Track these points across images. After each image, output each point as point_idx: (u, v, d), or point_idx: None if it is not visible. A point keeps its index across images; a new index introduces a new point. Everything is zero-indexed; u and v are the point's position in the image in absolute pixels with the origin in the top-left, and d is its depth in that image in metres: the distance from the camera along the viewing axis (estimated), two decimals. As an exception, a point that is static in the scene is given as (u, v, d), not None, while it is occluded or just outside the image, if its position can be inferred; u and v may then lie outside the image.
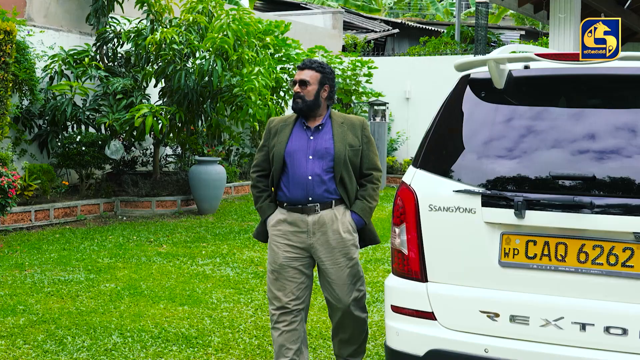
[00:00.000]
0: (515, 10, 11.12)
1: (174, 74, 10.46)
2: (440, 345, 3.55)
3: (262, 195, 4.46)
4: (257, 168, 4.52)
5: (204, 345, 5.40)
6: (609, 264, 3.29)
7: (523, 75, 3.70)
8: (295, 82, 4.38)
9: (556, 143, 3.47)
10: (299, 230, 4.32)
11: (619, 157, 3.35)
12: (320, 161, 4.27)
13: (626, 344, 3.22)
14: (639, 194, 3.27)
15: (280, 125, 4.43)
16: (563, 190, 3.38)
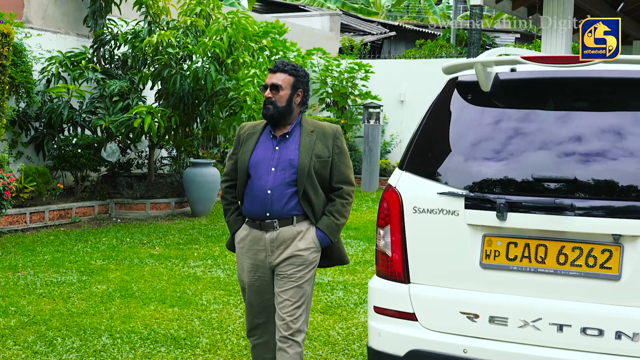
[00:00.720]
0: (509, 13, 11.16)
1: (169, 77, 10.49)
2: (421, 346, 3.58)
3: (230, 207, 4.18)
4: (226, 177, 4.23)
5: (192, 346, 5.43)
6: (587, 266, 3.33)
7: (509, 78, 3.73)
8: (266, 86, 4.02)
9: (540, 146, 3.51)
10: (259, 248, 4.04)
11: (601, 159, 3.39)
12: (283, 173, 3.95)
13: (602, 345, 3.26)
14: (618, 197, 3.30)
15: (248, 132, 4.13)
16: (545, 192, 3.41)
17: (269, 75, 4.06)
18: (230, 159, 4.19)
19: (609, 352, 3.25)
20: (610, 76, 3.51)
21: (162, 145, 12.30)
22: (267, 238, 3.99)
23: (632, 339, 3.22)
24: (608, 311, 3.27)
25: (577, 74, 3.53)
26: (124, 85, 10.84)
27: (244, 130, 4.17)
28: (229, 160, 4.21)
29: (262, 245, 4.01)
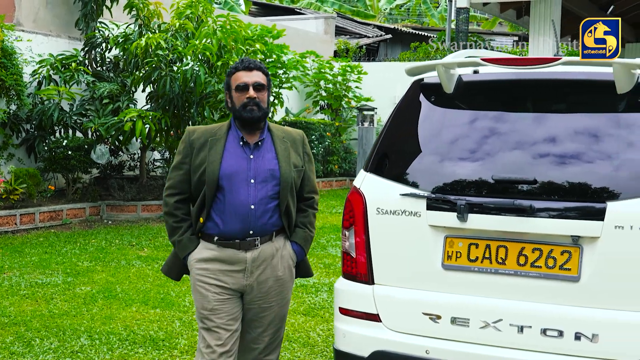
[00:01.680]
0: (498, 15, 11.17)
1: (159, 80, 10.52)
2: (384, 347, 3.60)
3: (181, 225, 3.68)
4: (174, 191, 3.69)
5: (170, 348, 5.45)
6: (547, 267, 3.34)
7: (472, 80, 3.75)
8: (247, 85, 3.61)
9: (501, 147, 3.53)
10: (234, 270, 3.62)
11: (561, 161, 3.41)
12: (264, 186, 3.59)
13: (562, 346, 3.28)
14: (578, 198, 3.32)
15: (209, 139, 3.64)
16: (505, 193, 3.43)
17: (244, 72, 3.62)
18: (179, 168, 3.69)
19: (569, 353, 3.27)
20: (571, 78, 3.53)
21: (154, 147, 12.32)
22: (248, 258, 3.61)
23: (591, 340, 3.23)
24: (568, 312, 3.29)
25: (537, 76, 3.55)
26: (113, 87, 10.87)
27: (196, 135, 3.67)
28: (175, 170, 3.70)
29: (240, 266, 3.61)
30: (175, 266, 3.79)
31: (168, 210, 3.70)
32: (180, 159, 3.70)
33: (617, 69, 3.32)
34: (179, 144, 3.71)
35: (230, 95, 3.65)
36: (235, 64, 3.66)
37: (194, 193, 3.67)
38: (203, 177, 3.58)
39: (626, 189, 3.26)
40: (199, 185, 3.61)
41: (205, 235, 3.67)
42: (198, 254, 3.66)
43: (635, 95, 3.38)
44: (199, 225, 3.65)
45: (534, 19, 9.19)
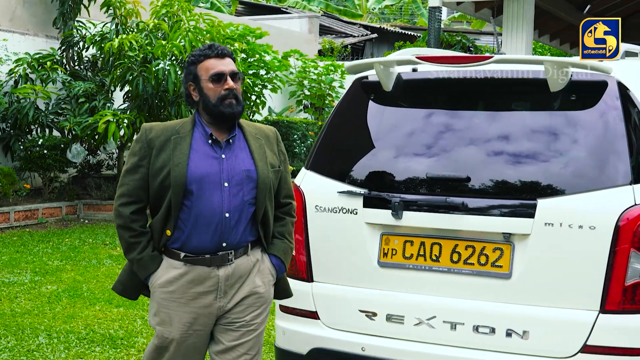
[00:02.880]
0: (472, 15, 11.20)
1: (132, 80, 10.52)
2: (322, 344, 3.61)
3: (140, 240, 3.10)
4: (128, 199, 3.10)
5: (128, 346, 5.45)
6: (479, 264, 3.36)
7: (410, 78, 3.76)
8: (224, 74, 3.10)
9: (436, 145, 3.55)
10: (205, 291, 3.10)
11: (493, 159, 3.42)
12: (239, 190, 3.10)
13: (493, 343, 3.29)
14: (509, 195, 3.33)
15: (172, 137, 3.11)
16: (439, 191, 3.44)
17: (218, 61, 3.11)
18: (133, 172, 3.11)
19: (500, 349, 3.29)
20: (503, 76, 3.54)
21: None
22: (221, 275, 3.09)
23: (522, 337, 3.25)
24: (499, 309, 3.31)
25: (472, 74, 3.56)
26: (88, 86, 10.86)
27: (154, 133, 3.12)
28: (129, 175, 3.12)
29: (211, 286, 3.09)
30: (132, 285, 3.22)
31: (123, 223, 3.10)
32: (135, 161, 3.11)
33: (548, 68, 3.33)
34: (133, 143, 3.16)
35: (200, 87, 3.11)
36: (202, 51, 3.14)
37: (153, 201, 3.12)
38: (167, 182, 3.04)
39: (557, 187, 3.27)
40: (161, 191, 3.07)
41: (170, 252, 3.12)
42: (162, 275, 3.11)
43: (568, 94, 3.39)
44: (164, 239, 3.11)
45: (507, 17, 9.21)
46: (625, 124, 3.30)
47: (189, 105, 3.23)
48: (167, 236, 3.11)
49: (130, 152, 3.17)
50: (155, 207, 3.14)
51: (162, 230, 3.11)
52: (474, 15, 11.25)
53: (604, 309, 3.16)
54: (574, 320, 3.19)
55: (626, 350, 3.13)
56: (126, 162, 3.18)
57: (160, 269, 3.13)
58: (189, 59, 3.19)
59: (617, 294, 3.14)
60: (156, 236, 3.13)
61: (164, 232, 3.11)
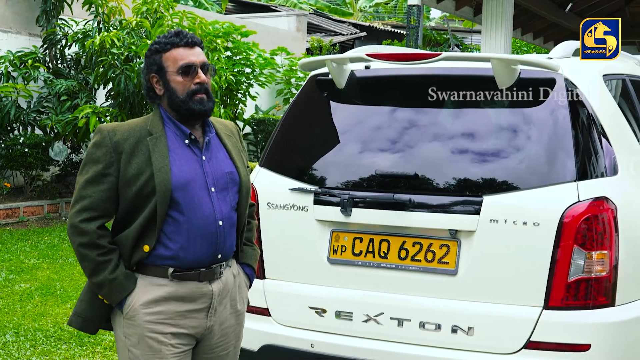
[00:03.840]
0: (453, 13, 11.22)
1: (114, 78, 10.53)
2: (273, 341, 3.62)
3: (111, 258, 2.68)
4: (93, 214, 2.69)
5: (95, 344, 5.45)
6: (426, 261, 3.37)
7: (363, 75, 3.77)
8: (195, 66, 2.75)
9: (386, 142, 3.56)
10: (195, 309, 2.77)
11: (441, 156, 3.44)
12: (226, 195, 2.82)
13: (439, 339, 3.31)
14: (455, 192, 3.35)
15: (145, 138, 2.73)
16: (387, 188, 3.46)
17: (187, 50, 2.76)
18: (97, 182, 2.69)
19: (446, 346, 3.30)
20: (452, 73, 3.55)
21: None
22: (214, 291, 2.79)
23: (467, 333, 3.26)
24: (445, 306, 3.32)
25: (419, 72, 3.58)
26: (70, 84, 10.85)
27: (119, 136, 2.71)
28: (92, 185, 2.70)
29: (204, 303, 2.78)
30: (94, 316, 2.78)
31: (88, 241, 2.66)
32: (99, 169, 2.68)
33: (495, 65, 3.35)
34: (92, 149, 2.72)
35: (165, 80, 2.75)
36: (169, 39, 2.77)
37: (124, 214, 2.73)
38: (146, 191, 2.67)
39: (503, 183, 3.29)
40: (137, 202, 2.69)
41: (149, 268, 2.73)
42: (143, 296, 2.71)
43: (516, 91, 3.41)
44: (138, 256, 2.71)
45: (486, 16, 9.23)
46: (572, 121, 3.32)
47: (150, 99, 2.84)
48: (143, 252, 2.70)
49: (89, 159, 2.72)
50: (125, 220, 2.73)
51: (136, 246, 2.70)
52: (454, 13, 11.27)
53: (547, 305, 3.18)
54: (518, 316, 3.21)
55: (568, 346, 3.15)
56: (84, 171, 2.72)
57: (138, 289, 2.71)
58: (153, 47, 2.80)
59: (560, 291, 3.16)
60: (125, 253, 2.71)
61: (139, 247, 2.70)
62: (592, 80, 3.59)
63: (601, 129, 3.42)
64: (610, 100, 3.65)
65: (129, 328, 2.73)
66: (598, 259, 3.17)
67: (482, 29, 9.57)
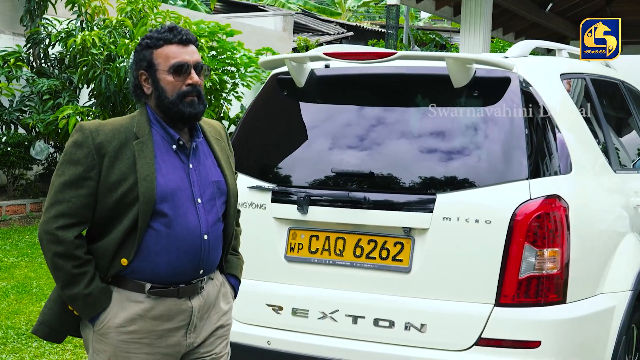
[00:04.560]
0: (433, 13, 11.26)
1: (95, 78, 10.54)
2: (231, 338, 3.61)
3: (86, 270, 2.48)
4: (70, 220, 2.47)
5: (66, 342, 5.45)
6: (381, 258, 3.40)
7: (322, 74, 3.80)
8: (188, 65, 2.55)
9: (343, 141, 3.59)
10: (174, 327, 2.58)
11: (396, 154, 3.47)
12: (213, 206, 2.62)
13: (393, 336, 3.34)
14: (410, 190, 3.38)
15: (130, 141, 2.53)
16: (343, 186, 3.48)
17: (181, 48, 2.55)
18: (76, 186, 2.48)
19: (399, 342, 3.33)
20: (408, 72, 3.58)
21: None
22: (194, 307, 2.60)
23: (419, 330, 3.29)
24: (398, 303, 3.35)
25: (375, 71, 3.60)
26: (52, 84, 10.86)
27: (102, 136, 2.50)
28: (70, 189, 2.48)
29: (182, 320, 2.59)
30: (61, 326, 2.59)
31: (64, 251, 2.45)
32: (79, 172, 2.47)
33: (450, 64, 3.37)
34: (72, 148, 2.50)
35: (155, 79, 2.55)
36: (161, 34, 2.57)
37: (101, 222, 2.53)
38: (127, 200, 2.48)
39: (456, 182, 3.32)
40: (116, 211, 2.49)
41: (126, 282, 2.53)
42: (118, 312, 2.52)
43: (471, 90, 3.44)
44: (115, 269, 2.52)
45: (465, 15, 9.26)
46: (526, 120, 3.35)
47: (136, 97, 2.63)
48: (121, 265, 2.50)
49: (67, 160, 2.50)
50: (102, 228, 2.53)
51: (114, 258, 2.50)
52: (434, 13, 11.32)
53: (498, 302, 3.21)
54: (470, 313, 3.23)
55: (519, 342, 3.18)
56: (62, 172, 2.50)
57: (113, 305, 2.52)
58: (143, 42, 2.59)
59: (512, 288, 3.19)
60: (102, 264, 2.51)
61: (117, 260, 2.50)
62: (548, 79, 3.62)
63: (556, 127, 3.45)
64: (567, 99, 3.68)
65: (99, 344, 2.55)
66: (549, 256, 3.20)
67: (461, 29, 9.60)
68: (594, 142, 3.80)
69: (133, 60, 2.62)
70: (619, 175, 4.04)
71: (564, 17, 12.55)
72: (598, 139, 3.94)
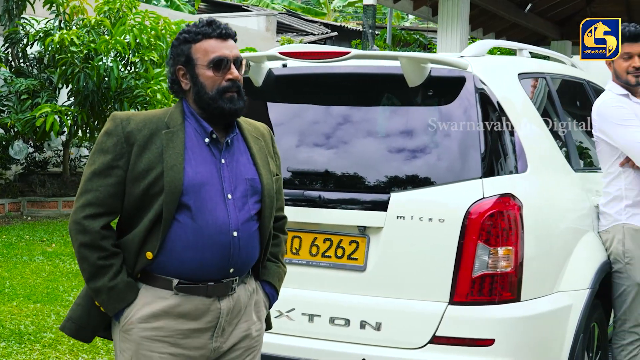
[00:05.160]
0: (412, 13, 11.28)
1: (73, 76, 10.52)
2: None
3: (112, 263, 2.42)
4: (98, 210, 2.42)
5: (34, 342, 5.45)
6: (336, 257, 3.41)
7: (280, 74, 3.80)
8: (228, 60, 2.49)
9: (300, 140, 3.59)
10: (200, 328, 2.48)
11: (351, 153, 3.48)
12: (244, 202, 2.53)
13: (348, 334, 3.35)
14: (365, 189, 3.39)
15: (161, 131, 2.47)
16: (299, 185, 3.49)
17: (220, 43, 2.49)
18: (105, 174, 2.43)
19: (355, 341, 3.34)
20: (365, 72, 3.59)
21: (80, 143, 12.30)
22: (223, 309, 2.49)
23: (374, 328, 3.30)
24: (354, 301, 3.36)
25: (337, 70, 3.60)
26: (30, 83, 10.83)
27: (133, 125, 2.47)
28: (99, 178, 2.43)
29: (209, 322, 2.48)
30: (90, 322, 2.52)
31: (90, 241, 2.40)
32: (108, 160, 2.43)
33: (404, 63, 3.38)
34: (102, 137, 2.47)
35: (193, 74, 2.49)
36: (200, 28, 2.50)
37: (128, 213, 2.46)
38: (154, 190, 2.41)
39: (411, 180, 3.33)
40: (143, 201, 2.42)
41: (153, 278, 2.46)
42: (142, 308, 2.44)
43: (426, 89, 3.45)
44: (142, 263, 2.44)
45: (442, 16, 9.29)
46: (480, 119, 3.36)
47: (173, 93, 2.56)
48: (146, 259, 2.42)
49: (99, 149, 2.46)
50: (130, 221, 2.47)
51: (140, 252, 2.43)
52: (412, 13, 11.34)
53: (452, 300, 3.22)
54: (425, 311, 3.25)
55: (472, 340, 3.20)
56: (92, 162, 2.45)
57: (139, 300, 2.44)
58: (181, 36, 2.52)
59: (465, 286, 3.21)
60: (129, 259, 2.45)
61: (143, 254, 2.43)
62: (504, 79, 3.64)
63: (512, 127, 3.47)
64: (524, 98, 3.70)
65: (124, 342, 2.47)
66: (503, 255, 3.22)
67: (438, 29, 9.63)
68: (553, 141, 3.82)
69: (170, 55, 2.54)
70: (580, 174, 4.06)
71: (544, 18, 12.59)
72: (558, 139, 3.96)
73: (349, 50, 3.44)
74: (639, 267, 4.02)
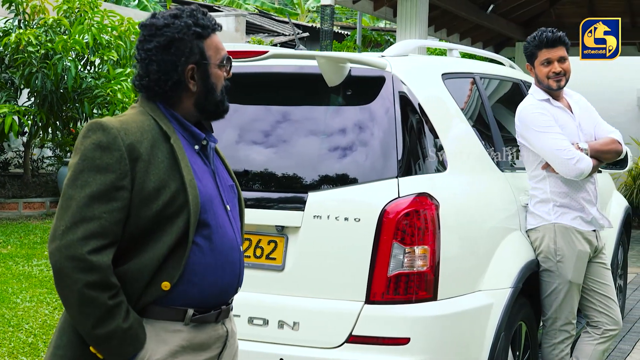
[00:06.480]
0: (371, 13, 11.30)
1: (31, 76, 10.45)
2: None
3: (121, 301, 2.05)
4: (104, 241, 2.03)
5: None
6: (255, 257, 3.41)
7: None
8: (229, 57, 2.30)
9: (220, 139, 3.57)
10: (210, 357, 2.25)
11: (270, 153, 3.48)
12: (237, 213, 2.36)
13: (267, 334, 3.35)
14: (283, 189, 3.39)
15: (163, 142, 2.14)
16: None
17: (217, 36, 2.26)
18: (109, 198, 2.04)
19: (273, 341, 3.34)
20: (287, 71, 3.60)
21: (42, 144, 12.22)
22: (229, 331, 2.32)
23: (292, 328, 3.30)
24: (272, 301, 3.36)
25: (247, 70, 3.60)
26: (-14, 84, 10.74)
27: (133, 136, 2.08)
28: (101, 202, 2.03)
29: (217, 348, 2.27)
30: None
31: (100, 280, 2.00)
32: (110, 181, 2.04)
33: (322, 63, 3.39)
34: (94, 152, 2.05)
35: (205, 74, 2.20)
36: (205, 20, 2.20)
37: (131, 239, 2.09)
38: (169, 210, 2.08)
39: (328, 180, 3.34)
40: (156, 224, 2.09)
41: (167, 311, 2.14)
42: (157, 348, 2.11)
43: (345, 89, 3.45)
44: (154, 295, 2.10)
45: (400, 16, 9.30)
46: (398, 119, 3.37)
47: (159, 95, 2.19)
48: (161, 291, 2.09)
49: (92, 166, 2.04)
50: (133, 247, 2.09)
51: (151, 283, 2.08)
52: (373, 13, 11.35)
53: (368, 299, 3.22)
54: (341, 311, 3.25)
55: (388, 339, 3.20)
56: (84, 182, 2.03)
57: (148, 341, 2.10)
58: (190, 30, 2.15)
59: (381, 285, 3.21)
60: (135, 292, 2.08)
61: (156, 285, 2.09)
62: (426, 79, 3.66)
63: (431, 127, 3.48)
64: (447, 98, 3.71)
65: None
66: (420, 254, 3.23)
67: (397, 30, 9.63)
68: (478, 141, 3.83)
69: (174, 52, 2.14)
70: (508, 174, 4.08)
71: (507, 19, 12.64)
72: (485, 139, 3.98)
73: (266, 50, 3.44)
74: (570, 265, 4.05)
